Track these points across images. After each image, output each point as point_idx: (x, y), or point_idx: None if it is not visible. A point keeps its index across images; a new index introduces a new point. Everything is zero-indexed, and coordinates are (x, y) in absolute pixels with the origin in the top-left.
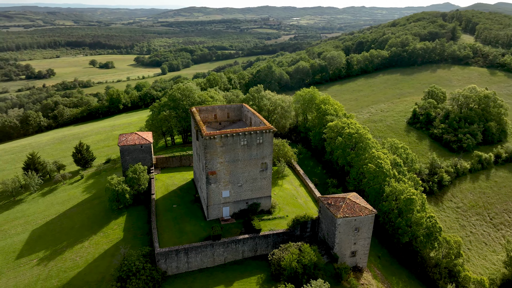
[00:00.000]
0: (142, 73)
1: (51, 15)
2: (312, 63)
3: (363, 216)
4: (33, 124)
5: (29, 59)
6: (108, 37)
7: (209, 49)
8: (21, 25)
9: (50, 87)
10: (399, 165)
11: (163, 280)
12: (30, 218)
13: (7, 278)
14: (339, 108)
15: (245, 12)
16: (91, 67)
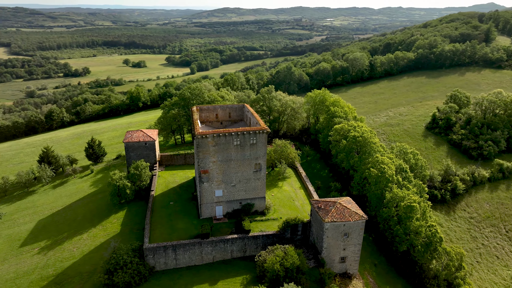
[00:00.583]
0: (172, 72)
1: (91, 16)
2: (333, 64)
3: (352, 222)
4: (57, 120)
5: (68, 58)
6: (143, 37)
7: (239, 49)
8: (63, 26)
9: (84, 85)
10: (404, 170)
11: (150, 275)
12: (39, 209)
13: (9, 264)
14: (350, 110)
15: (278, 13)
16: (125, 66)
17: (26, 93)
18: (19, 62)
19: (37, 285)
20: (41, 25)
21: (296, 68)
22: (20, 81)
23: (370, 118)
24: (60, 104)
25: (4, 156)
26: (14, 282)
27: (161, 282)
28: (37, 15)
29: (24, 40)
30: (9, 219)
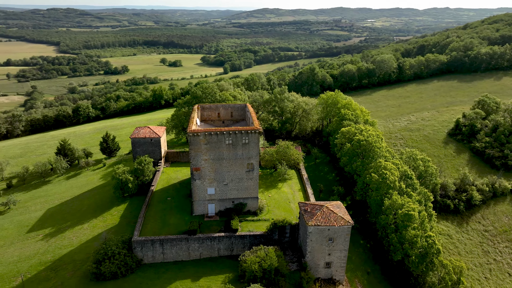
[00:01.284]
0: (206, 71)
1: (135, 16)
2: (359, 66)
3: (337, 227)
4: (83, 114)
5: (110, 56)
6: (181, 37)
7: (273, 50)
8: (109, 26)
9: (121, 82)
10: (409, 177)
11: (138, 267)
12: (50, 198)
13: (14, 248)
14: (362, 113)
15: (318, 13)
16: (161, 65)
17: (68, 89)
18: (65, 59)
19: (35, 270)
20: (89, 25)
21: (320, 69)
22: (64, 77)
23: (389, 122)
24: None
25: (29, 147)
26: (16, 265)
27: (146, 275)
28: (86, 15)
29: (72, 39)
30: (22, 206)
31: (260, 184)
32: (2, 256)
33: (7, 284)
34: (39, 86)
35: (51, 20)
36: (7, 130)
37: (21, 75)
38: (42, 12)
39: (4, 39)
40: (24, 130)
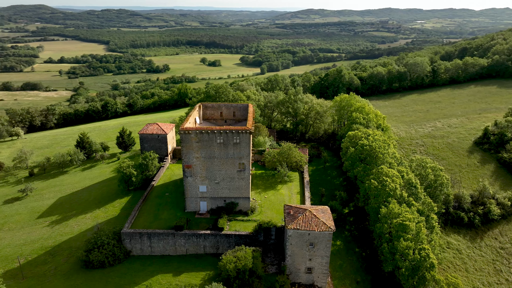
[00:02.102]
0: (243, 72)
1: (182, 17)
2: (389, 69)
3: (317, 232)
4: (111, 110)
5: (154, 55)
6: (223, 37)
7: (313, 51)
8: (157, 26)
9: (160, 81)
10: (414, 186)
11: (125, 258)
12: (63, 187)
13: (23, 232)
14: (375, 117)
15: (364, 14)
16: (202, 64)
17: (111, 86)
18: (112, 58)
19: (35, 253)
20: (138, 25)
21: (347, 71)
22: (110, 75)
23: (413, 127)
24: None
25: (57, 139)
26: (21, 248)
27: (132, 266)
28: (136, 16)
29: (120, 38)
30: (38, 193)
31: (259, 185)
32: (11, 238)
33: (10, 264)
34: (86, 82)
35: (104, 20)
36: (42, 122)
37: (72, 71)
38: (96, 13)
39: (61, 38)
40: (57, 123)
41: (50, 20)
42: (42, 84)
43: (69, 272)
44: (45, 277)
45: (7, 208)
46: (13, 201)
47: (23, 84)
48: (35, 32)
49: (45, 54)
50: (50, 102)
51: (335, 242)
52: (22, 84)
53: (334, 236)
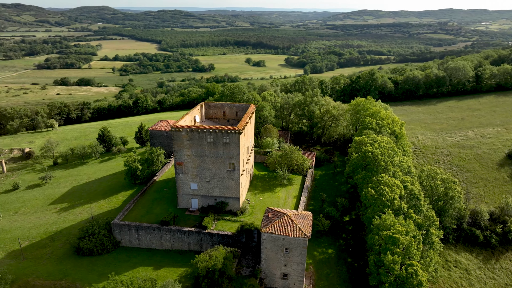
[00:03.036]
0: (286, 72)
1: (234, 17)
2: (427, 73)
3: (292, 237)
4: (141, 106)
5: (201, 55)
6: (271, 38)
7: (360, 53)
8: (208, 26)
9: (203, 79)
10: (416, 197)
11: (114, 248)
12: (79, 177)
13: (34, 217)
14: (391, 123)
15: (422, 15)
16: (246, 64)
17: (158, 83)
18: (162, 56)
19: (39, 237)
20: (191, 25)
21: (380, 75)
22: (158, 73)
23: (441, 135)
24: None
25: (85, 132)
26: (28, 231)
27: (119, 256)
28: (189, 16)
29: (172, 38)
30: (56, 181)
31: (258, 186)
32: (23, 221)
33: (17, 245)
34: (136, 79)
35: (159, 20)
36: (77, 115)
37: (124, 69)
38: (153, 14)
39: (119, 37)
40: (91, 117)
41: (111, 20)
42: (95, 80)
43: (62, 256)
44: (41, 260)
45: (27, 193)
46: (33, 187)
47: (78, 80)
48: (97, 32)
49: (103, 52)
50: (99, 97)
51: (326, 250)
52: (78, 80)
53: (326, 244)
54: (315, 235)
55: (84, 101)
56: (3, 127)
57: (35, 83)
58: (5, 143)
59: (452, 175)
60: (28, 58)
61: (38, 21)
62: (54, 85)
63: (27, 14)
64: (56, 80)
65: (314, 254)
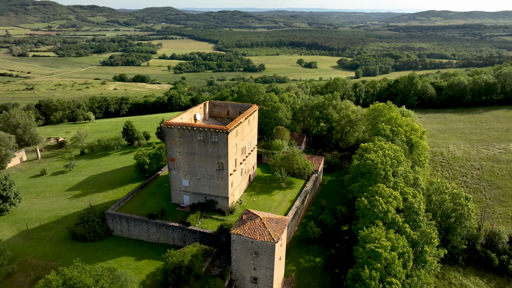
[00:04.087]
0: (337, 74)
1: (292, 18)
2: (474, 79)
3: (259, 241)
4: (175, 103)
5: (255, 55)
6: (326, 39)
7: (420, 56)
8: (266, 27)
9: (251, 79)
10: (414, 212)
11: (106, 236)
12: (98, 167)
13: (50, 201)
14: (409, 131)
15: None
16: (298, 65)
17: (207, 82)
18: (216, 56)
19: (48, 220)
20: (249, 26)
21: (420, 79)
22: (210, 72)
23: (475, 147)
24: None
25: (117, 126)
26: (41, 213)
27: (108, 244)
28: (248, 17)
29: (228, 38)
30: (78, 170)
31: (256, 187)
32: (40, 204)
33: (28, 226)
34: (188, 77)
35: (219, 21)
36: (115, 109)
37: (178, 67)
38: (213, 14)
39: (179, 37)
40: (128, 111)
41: (174, 20)
42: (149, 77)
43: (60, 240)
44: (43, 241)
45: (51, 179)
46: (58, 174)
47: (134, 77)
48: (159, 31)
49: (162, 51)
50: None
51: (314, 258)
52: (134, 77)
53: (316, 252)
54: (305, 242)
55: (123, 96)
56: (48, 117)
57: (97, 79)
58: (46, 132)
59: (475, 191)
60: (95, 55)
61: (109, 21)
62: (113, 81)
63: (100, 14)
64: (115, 76)
65: (300, 261)
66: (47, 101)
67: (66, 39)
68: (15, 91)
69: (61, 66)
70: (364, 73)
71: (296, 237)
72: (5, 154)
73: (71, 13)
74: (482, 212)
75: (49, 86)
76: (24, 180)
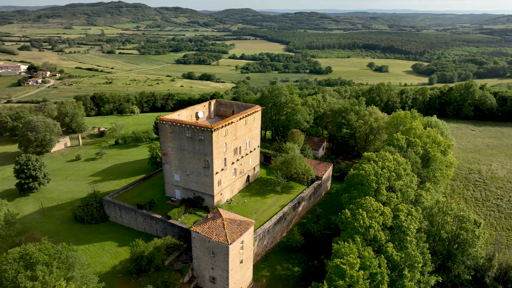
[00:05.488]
0: (408, 80)
1: (372, 20)
2: None
3: (215, 241)
4: None
5: (325, 57)
6: (404, 42)
7: (510, 63)
8: (342, 28)
9: (313, 82)
10: (402, 231)
11: (102, 220)
12: (124, 157)
13: (74, 184)
14: (431, 144)
15: None
16: (368, 69)
17: (270, 82)
18: (284, 57)
19: (65, 201)
20: (324, 27)
21: (478, 88)
22: (275, 73)
23: (508, 164)
24: None
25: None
26: (62, 194)
27: (102, 228)
28: (325, 18)
29: (300, 39)
30: (106, 158)
31: (253, 189)
32: (65, 186)
33: (49, 204)
34: (252, 77)
35: (295, 22)
36: (162, 104)
37: (245, 67)
38: (290, 16)
39: (252, 37)
40: (173, 107)
41: (250, 21)
42: (215, 76)
43: (65, 219)
44: (53, 219)
45: (82, 164)
46: (89, 160)
47: (201, 75)
48: (235, 32)
49: (233, 51)
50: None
51: (293, 267)
52: (200, 75)
53: (296, 261)
54: (288, 249)
55: (170, 92)
56: (99, 109)
57: (168, 76)
58: (94, 121)
59: (508, 217)
60: (172, 54)
61: (190, 22)
62: (182, 78)
63: (183, 16)
64: (184, 74)
65: (276, 267)
66: (100, 93)
67: (150, 38)
68: (96, 84)
69: (140, 63)
70: (440, 80)
71: (281, 243)
72: (49, 139)
73: (157, 14)
74: (495, 241)
75: (125, 81)
76: (61, 164)
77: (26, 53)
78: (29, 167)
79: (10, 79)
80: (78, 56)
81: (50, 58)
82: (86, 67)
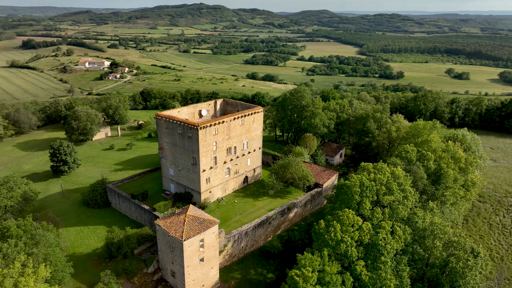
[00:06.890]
0: (491, 89)
1: (462, 22)
2: None
3: (172, 236)
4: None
5: (399, 61)
6: (495, 47)
7: None
8: (426, 31)
9: (379, 87)
10: (378, 250)
11: (104, 206)
12: (147, 149)
13: (98, 170)
14: (447, 159)
15: None
16: (446, 75)
17: (334, 86)
18: (353, 60)
19: (84, 185)
20: (406, 30)
21: None
22: (342, 76)
23: None
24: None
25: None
26: (86, 179)
27: (101, 213)
28: (407, 20)
29: (375, 42)
30: (135, 149)
31: (249, 190)
32: (90, 172)
33: (72, 186)
34: (317, 80)
35: (373, 24)
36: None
37: (312, 69)
38: (369, 18)
39: (325, 39)
40: None
41: (327, 23)
42: (278, 77)
43: (76, 202)
44: (68, 200)
45: (112, 153)
46: (120, 150)
47: (264, 75)
48: (309, 34)
49: (303, 53)
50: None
51: (267, 273)
52: (264, 75)
53: (273, 268)
54: (265, 255)
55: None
56: (146, 103)
57: (234, 75)
58: (138, 115)
59: None
60: (242, 54)
61: (265, 23)
62: (246, 78)
63: (259, 17)
64: (248, 74)
65: (250, 271)
66: (149, 89)
67: (224, 39)
68: (166, 80)
69: (211, 62)
70: None
71: (262, 248)
72: (90, 128)
73: (234, 16)
74: (497, 276)
75: (192, 79)
76: (96, 151)
77: (113, 50)
78: (61, 152)
79: (95, 73)
80: (156, 54)
81: (132, 55)
82: (161, 65)
